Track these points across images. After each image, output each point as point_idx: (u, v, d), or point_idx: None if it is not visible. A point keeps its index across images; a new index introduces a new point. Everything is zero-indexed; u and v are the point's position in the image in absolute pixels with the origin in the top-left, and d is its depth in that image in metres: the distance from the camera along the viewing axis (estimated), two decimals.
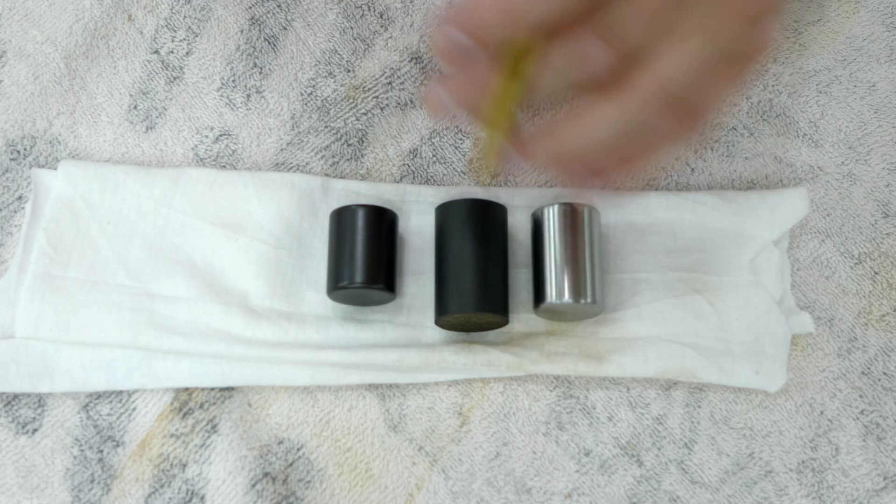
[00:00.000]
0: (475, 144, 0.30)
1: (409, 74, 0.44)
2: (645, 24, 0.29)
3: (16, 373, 0.38)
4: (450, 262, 0.38)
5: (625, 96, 0.29)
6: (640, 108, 0.29)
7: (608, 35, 0.29)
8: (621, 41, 0.29)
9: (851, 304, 0.42)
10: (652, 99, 0.29)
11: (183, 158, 0.43)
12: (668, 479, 0.39)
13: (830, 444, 0.40)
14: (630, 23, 0.29)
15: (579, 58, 0.29)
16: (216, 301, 0.40)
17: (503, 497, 0.39)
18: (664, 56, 0.29)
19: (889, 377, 0.41)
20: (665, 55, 0.29)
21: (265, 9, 0.45)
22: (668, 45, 0.29)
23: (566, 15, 0.28)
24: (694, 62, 0.29)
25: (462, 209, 0.39)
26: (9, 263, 0.41)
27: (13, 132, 0.43)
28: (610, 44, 0.29)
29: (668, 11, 0.29)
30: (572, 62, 0.29)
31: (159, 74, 0.44)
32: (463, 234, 0.38)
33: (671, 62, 0.29)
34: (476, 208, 0.39)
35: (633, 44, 0.29)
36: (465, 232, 0.38)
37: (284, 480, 0.38)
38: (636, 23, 0.29)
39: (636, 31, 0.29)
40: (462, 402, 0.40)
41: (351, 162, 0.43)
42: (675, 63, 0.29)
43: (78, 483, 0.38)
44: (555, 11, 0.28)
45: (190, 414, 0.39)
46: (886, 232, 0.43)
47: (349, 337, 0.40)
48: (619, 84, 0.30)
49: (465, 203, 0.39)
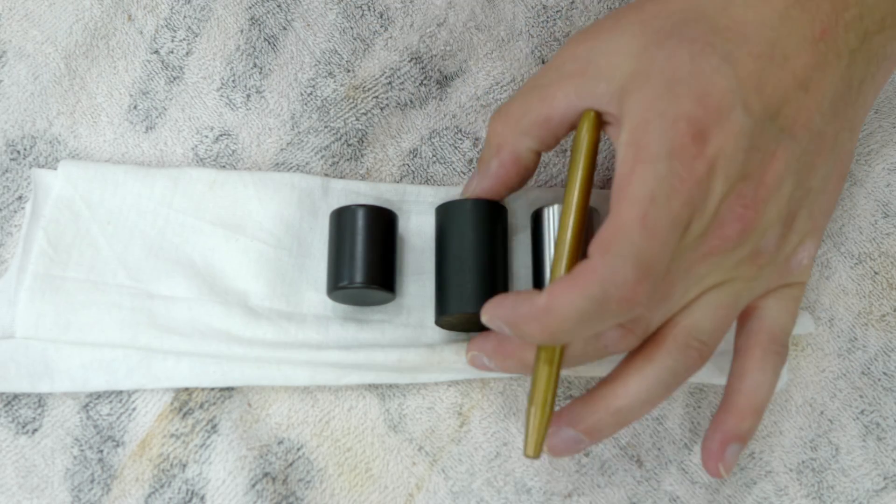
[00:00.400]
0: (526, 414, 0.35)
1: (409, 74, 0.44)
2: (659, 305, 0.33)
3: (16, 373, 0.38)
4: (450, 262, 0.38)
5: (657, 351, 0.34)
6: (673, 358, 0.33)
7: (628, 323, 0.33)
8: (641, 324, 0.33)
9: (851, 304, 0.42)
10: (683, 348, 0.33)
11: (183, 158, 0.43)
12: (668, 480, 0.39)
13: (830, 444, 0.40)
14: (645, 309, 0.32)
15: (603, 343, 0.33)
16: (216, 301, 0.40)
17: (503, 497, 0.39)
18: (688, 311, 0.34)
19: (889, 377, 0.41)
20: (689, 310, 0.34)
21: (265, 9, 0.45)
22: (689, 304, 0.34)
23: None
24: (716, 308, 0.34)
25: (462, 209, 0.39)
26: (9, 263, 0.41)
27: (13, 132, 0.43)
28: (629, 329, 0.33)
29: (676, 289, 0.33)
30: (597, 347, 0.34)
31: (159, 74, 0.44)
32: (463, 234, 0.38)
33: (696, 314, 0.34)
34: (476, 208, 0.39)
35: (653, 323, 0.33)
36: (466, 232, 0.38)
37: (284, 480, 0.38)
38: (650, 307, 0.33)
39: (652, 313, 0.33)
40: (462, 402, 0.40)
41: (351, 162, 0.43)
42: (700, 314, 0.34)
43: (78, 483, 0.38)
44: (590, 332, 0.32)
45: (190, 414, 0.39)
46: (886, 232, 0.43)
47: (349, 337, 0.40)
48: (651, 341, 0.34)
49: (466, 203, 0.39)
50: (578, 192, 0.34)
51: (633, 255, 0.30)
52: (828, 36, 0.33)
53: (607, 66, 0.34)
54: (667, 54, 0.32)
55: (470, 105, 0.44)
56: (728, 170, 0.31)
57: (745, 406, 0.35)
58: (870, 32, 0.34)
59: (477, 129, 0.44)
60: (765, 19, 0.33)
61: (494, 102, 0.44)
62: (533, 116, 0.36)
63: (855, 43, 0.34)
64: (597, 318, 0.30)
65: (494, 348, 0.36)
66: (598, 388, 0.35)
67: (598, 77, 0.34)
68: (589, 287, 0.30)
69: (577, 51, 0.36)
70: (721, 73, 0.32)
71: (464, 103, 0.44)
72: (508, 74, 0.45)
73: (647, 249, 0.30)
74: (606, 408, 0.34)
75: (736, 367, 0.36)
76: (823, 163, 0.35)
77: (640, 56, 0.33)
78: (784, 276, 0.36)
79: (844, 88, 0.34)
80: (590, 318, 0.30)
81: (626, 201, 0.30)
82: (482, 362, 0.37)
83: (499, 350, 0.36)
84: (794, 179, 0.33)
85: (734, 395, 0.36)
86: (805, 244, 0.36)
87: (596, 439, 0.35)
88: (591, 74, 0.34)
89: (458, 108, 0.44)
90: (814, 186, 0.34)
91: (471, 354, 0.37)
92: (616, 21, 0.35)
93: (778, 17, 0.33)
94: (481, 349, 0.37)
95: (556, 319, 0.30)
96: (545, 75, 0.36)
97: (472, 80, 0.45)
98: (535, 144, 0.37)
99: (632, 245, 0.30)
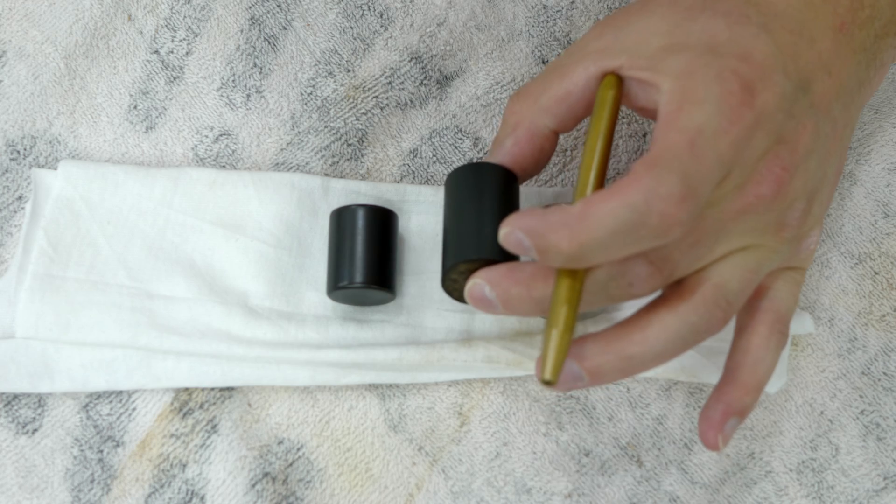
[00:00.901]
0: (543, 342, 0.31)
1: (410, 74, 0.44)
2: (689, 250, 0.32)
3: (16, 373, 0.38)
4: (466, 212, 0.36)
5: (684, 304, 0.32)
6: (698, 314, 0.32)
7: (657, 260, 0.31)
8: (669, 265, 0.32)
9: (851, 304, 0.42)
10: (710, 305, 0.32)
11: (183, 158, 0.43)
12: (668, 480, 0.39)
13: (830, 444, 0.40)
14: (676, 249, 0.31)
15: (628, 279, 0.32)
16: (216, 301, 0.40)
17: (503, 497, 0.39)
18: (718, 268, 0.33)
19: (889, 377, 0.41)
20: (718, 267, 0.33)
21: (265, 9, 0.45)
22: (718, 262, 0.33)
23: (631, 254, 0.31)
24: (743, 271, 0.33)
25: (479, 171, 0.36)
26: (9, 263, 0.41)
27: (13, 132, 0.43)
28: (657, 268, 0.32)
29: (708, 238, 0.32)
30: (621, 283, 0.32)
31: (159, 74, 0.44)
32: (481, 189, 0.36)
33: (726, 273, 0.33)
34: (493, 171, 0.36)
35: (679, 267, 0.32)
36: (484, 187, 0.36)
37: (284, 480, 0.38)
38: (681, 248, 0.32)
39: (681, 256, 0.32)
40: (462, 402, 0.40)
41: (351, 162, 0.43)
42: (729, 273, 0.33)
43: (78, 483, 0.38)
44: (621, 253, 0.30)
45: (190, 414, 0.39)
46: (886, 232, 0.43)
47: (349, 337, 0.40)
48: (676, 293, 0.33)
49: (483, 165, 0.36)
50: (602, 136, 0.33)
51: (681, 171, 0.28)
52: (846, 29, 0.34)
53: (635, 42, 0.33)
54: (702, 26, 0.32)
55: (470, 105, 0.44)
56: (770, 127, 0.31)
57: (748, 381, 0.35)
58: (878, 35, 0.35)
59: (477, 129, 0.44)
60: (791, 2, 0.33)
61: (494, 102, 0.44)
62: (552, 93, 0.35)
63: (868, 42, 0.35)
64: (633, 234, 0.29)
65: (502, 275, 0.32)
66: (614, 330, 0.33)
67: (623, 50, 0.33)
68: (631, 195, 0.28)
69: (602, 31, 0.35)
70: (760, 39, 0.32)
71: (464, 103, 0.44)
72: (508, 74, 0.45)
73: (695, 171, 0.29)
74: (619, 351, 0.32)
75: (741, 342, 0.35)
76: (836, 150, 0.35)
77: (672, 32, 0.33)
78: (794, 257, 0.36)
79: (854, 84, 0.35)
80: (627, 231, 0.28)
81: (674, 130, 0.30)
82: (482, 292, 0.32)
83: (507, 276, 0.32)
84: (818, 157, 0.33)
85: (737, 369, 0.35)
86: (815, 230, 0.36)
87: (597, 381, 0.32)
88: (616, 49, 0.33)
89: (458, 107, 0.44)
90: (828, 172, 0.35)
91: (471, 282, 0.33)
92: (644, 4, 0.35)
93: (803, 3, 0.34)
94: (486, 277, 0.32)
95: (590, 227, 0.28)
96: (567, 55, 0.35)
97: (473, 79, 0.45)
98: (553, 123, 0.35)
99: (680, 163, 0.29)
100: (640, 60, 0.32)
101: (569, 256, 0.29)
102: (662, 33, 0.33)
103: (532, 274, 0.32)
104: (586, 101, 0.34)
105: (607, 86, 0.33)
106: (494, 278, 0.32)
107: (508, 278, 0.32)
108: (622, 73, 0.33)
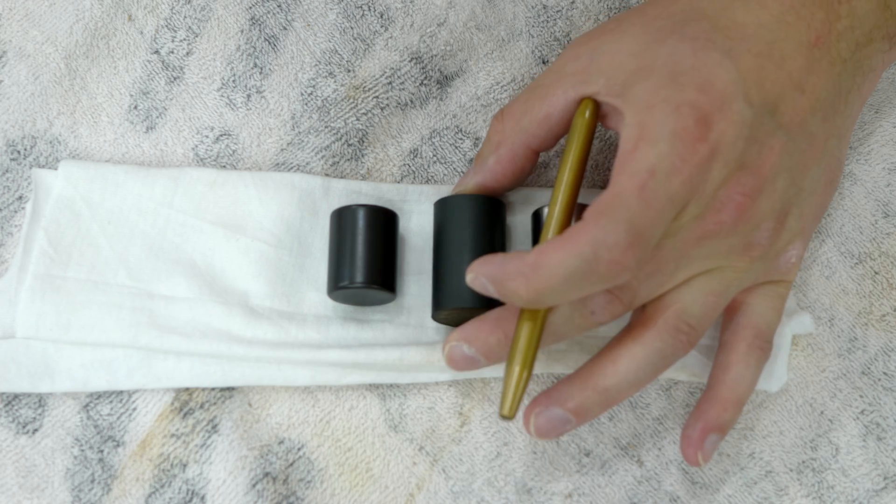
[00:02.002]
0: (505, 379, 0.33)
1: (410, 74, 0.44)
2: (648, 278, 0.33)
3: (16, 373, 0.38)
4: (447, 257, 0.38)
5: (647, 332, 0.34)
6: (662, 341, 0.33)
7: (616, 289, 0.33)
8: (628, 293, 0.33)
9: (851, 304, 0.42)
10: (672, 331, 0.33)
11: (183, 158, 0.43)
12: (668, 480, 0.39)
13: (830, 444, 0.40)
14: (635, 278, 0.33)
15: (590, 308, 0.33)
16: (216, 301, 0.40)
17: (503, 497, 0.39)
18: (679, 293, 0.34)
19: (889, 377, 0.41)
20: (679, 292, 0.34)
21: (265, 9, 0.45)
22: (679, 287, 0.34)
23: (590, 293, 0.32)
24: (706, 294, 0.34)
25: (461, 205, 0.39)
26: (9, 263, 0.41)
27: (13, 132, 0.43)
28: (616, 296, 0.33)
29: (668, 266, 0.33)
30: (584, 313, 0.33)
31: (159, 74, 0.44)
32: (461, 229, 0.38)
33: (686, 298, 0.34)
34: (475, 204, 0.39)
35: (639, 294, 0.33)
36: (464, 227, 0.38)
37: (285, 480, 0.38)
38: (640, 277, 0.33)
39: (640, 284, 0.33)
40: (462, 402, 0.40)
41: (351, 162, 0.43)
42: (690, 298, 0.34)
43: (78, 483, 0.38)
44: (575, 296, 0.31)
45: (190, 414, 0.39)
46: (886, 232, 0.43)
47: (350, 337, 0.40)
48: (640, 321, 0.34)
49: (465, 199, 0.39)
50: (571, 168, 0.34)
51: (627, 220, 0.30)
52: (821, 43, 0.34)
53: (609, 64, 0.34)
54: (669, 50, 0.33)
55: (470, 105, 0.44)
56: (728, 156, 0.32)
57: (727, 397, 0.36)
58: (860, 44, 0.35)
59: (477, 129, 0.44)
60: (762, 22, 0.34)
61: (495, 102, 0.44)
62: (533, 115, 0.36)
63: (846, 53, 0.35)
64: (584, 280, 0.30)
65: (475, 328, 0.34)
66: (586, 367, 0.34)
67: (599, 73, 0.34)
68: (579, 246, 0.30)
69: (578, 51, 0.36)
70: (723, 67, 0.32)
71: (464, 103, 0.44)
72: (508, 74, 0.45)
73: (642, 217, 0.30)
74: (594, 386, 0.34)
75: (720, 359, 0.37)
76: (815, 165, 0.35)
77: (642, 54, 0.34)
78: (772, 273, 0.37)
79: (835, 95, 0.35)
80: (577, 278, 0.30)
81: (626, 174, 0.31)
82: (461, 352, 0.34)
83: (479, 328, 0.34)
84: (788, 176, 0.34)
85: (717, 386, 0.36)
86: (794, 244, 0.37)
87: (583, 420, 0.34)
88: (592, 71, 0.35)
89: (458, 107, 0.44)
90: (805, 187, 0.35)
91: (448, 346, 0.34)
92: (618, 24, 0.36)
93: (775, 21, 0.34)
94: (461, 336, 0.34)
95: (543, 276, 0.30)
96: (546, 76, 0.37)
97: (473, 79, 0.45)
98: (534, 143, 0.37)
99: (627, 210, 0.30)
100: (614, 87, 0.33)
101: (528, 301, 0.31)
102: (634, 54, 0.34)
103: (498, 318, 0.34)
104: (565, 123, 0.36)
105: (581, 112, 0.35)
106: (469, 334, 0.34)
107: (482, 330, 0.34)
108: (598, 98, 0.34)
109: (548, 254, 0.30)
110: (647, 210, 0.30)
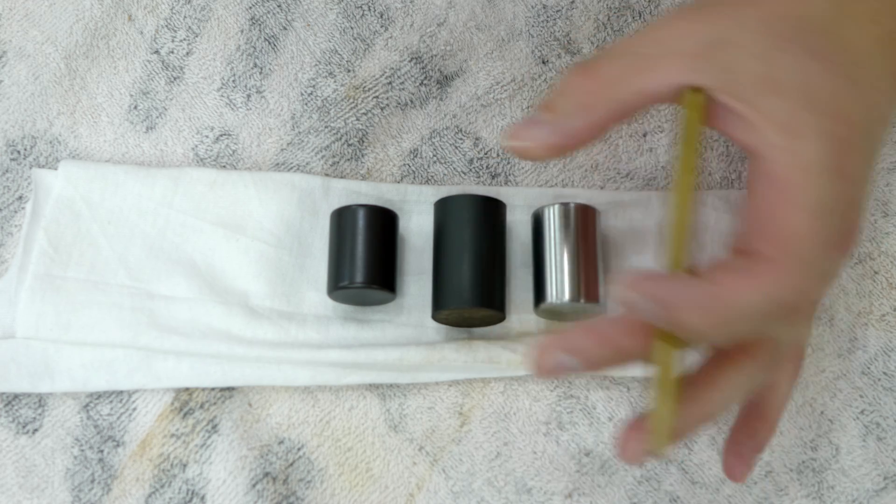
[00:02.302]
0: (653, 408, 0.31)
1: (410, 74, 0.44)
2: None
3: (16, 373, 0.38)
4: (447, 257, 0.38)
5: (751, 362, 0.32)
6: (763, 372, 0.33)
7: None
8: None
9: (851, 304, 0.42)
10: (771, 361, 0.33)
11: (183, 158, 0.43)
12: (668, 480, 0.39)
13: (830, 444, 0.40)
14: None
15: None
16: (217, 301, 0.40)
17: (503, 497, 0.39)
18: None
19: (889, 377, 0.41)
20: None
21: (265, 9, 0.45)
22: None
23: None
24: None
25: (461, 205, 0.39)
26: (9, 263, 0.41)
27: (13, 132, 0.43)
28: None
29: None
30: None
31: (159, 74, 0.44)
32: (461, 229, 0.38)
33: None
34: (475, 204, 0.39)
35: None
36: (464, 227, 0.38)
37: (285, 480, 0.38)
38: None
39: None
40: (462, 402, 0.40)
41: (351, 162, 0.43)
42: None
43: (78, 483, 0.38)
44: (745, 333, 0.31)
45: (190, 414, 0.39)
46: (886, 232, 0.43)
47: (350, 337, 0.40)
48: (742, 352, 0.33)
49: (464, 199, 0.39)
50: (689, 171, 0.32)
51: (816, 265, 0.29)
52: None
53: (730, 60, 0.31)
54: (796, 65, 0.31)
55: (470, 105, 0.44)
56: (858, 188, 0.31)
57: (776, 418, 0.36)
58: None
59: (477, 129, 0.44)
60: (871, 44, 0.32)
61: (494, 102, 0.44)
62: (633, 86, 0.32)
63: None
64: (765, 320, 0.29)
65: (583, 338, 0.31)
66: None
67: (718, 66, 0.31)
68: (768, 285, 0.29)
69: (689, 29, 0.32)
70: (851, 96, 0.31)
71: (464, 103, 0.44)
72: (508, 74, 0.45)
73: (827, 263, 0.29)
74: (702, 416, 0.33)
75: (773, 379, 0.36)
76: None
77: (766, 58, 0.31)
78: None
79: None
80: (760, 317, 0.29)
81: (799, 208, 0.29)
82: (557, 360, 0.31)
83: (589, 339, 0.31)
84: None
85: (767, 407, 0.35)
86: None
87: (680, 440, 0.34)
88: (709, 60, 0.31)
89: (458, 107, 0.44)
90: None
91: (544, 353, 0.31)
92: (734, 9, 0.32)
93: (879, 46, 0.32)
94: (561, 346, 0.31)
95: (726, 310, 0.28)
96: (644, 44, 0.33)
97: (473, 79, 0.45)
98: (627, 115, 0.33)
99: (814, 255, 0.29)
100: (738, 90, 0.31)
101: (699, 332, 0.29)
102: (756, 56, 0.31)
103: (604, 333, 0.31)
104: (659, 102, 0.33)
105: (696, 107, 0.31)
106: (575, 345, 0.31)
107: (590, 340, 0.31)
108: (712, 94, 0.31)
109: (732, 287, 0.29)
110: (830, 254, 0.29)
